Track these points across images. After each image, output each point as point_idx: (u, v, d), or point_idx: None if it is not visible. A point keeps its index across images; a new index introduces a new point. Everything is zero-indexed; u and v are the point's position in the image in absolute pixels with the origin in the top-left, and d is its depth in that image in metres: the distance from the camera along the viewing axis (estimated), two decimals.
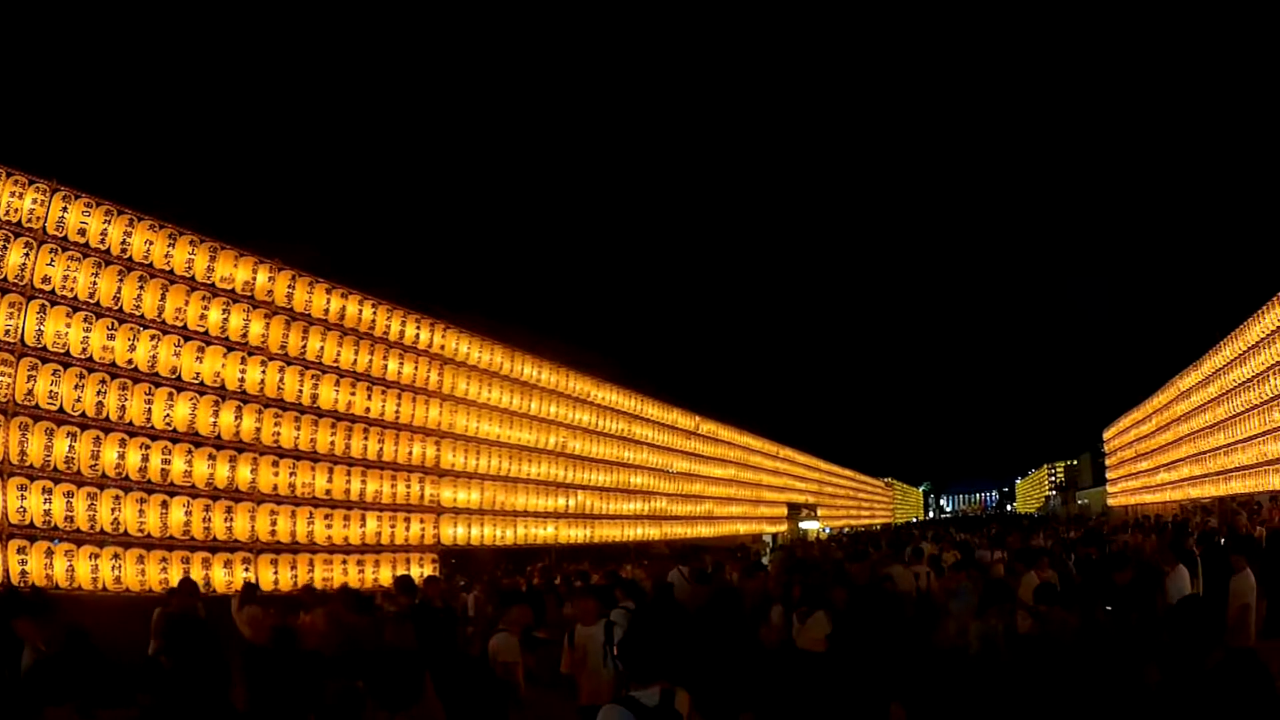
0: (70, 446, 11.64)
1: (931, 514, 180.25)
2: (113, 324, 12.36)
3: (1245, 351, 26.84)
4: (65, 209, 12.04)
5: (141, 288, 12.84)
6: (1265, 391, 25.07)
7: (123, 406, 12.33)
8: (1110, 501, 53.25)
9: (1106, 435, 55.55)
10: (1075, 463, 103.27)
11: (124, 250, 12.71)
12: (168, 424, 12.96)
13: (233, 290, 14.42)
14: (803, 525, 48.01)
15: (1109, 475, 55.47)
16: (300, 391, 15.45)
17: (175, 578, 12.14)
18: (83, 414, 11.85)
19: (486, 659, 7.41)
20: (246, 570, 13.62)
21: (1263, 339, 25.17)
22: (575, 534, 23.88)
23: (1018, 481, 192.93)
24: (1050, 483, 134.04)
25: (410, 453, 17.93)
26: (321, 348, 16.00)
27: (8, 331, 11.35)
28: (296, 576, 14.48)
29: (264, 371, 14.75)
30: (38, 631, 6.78)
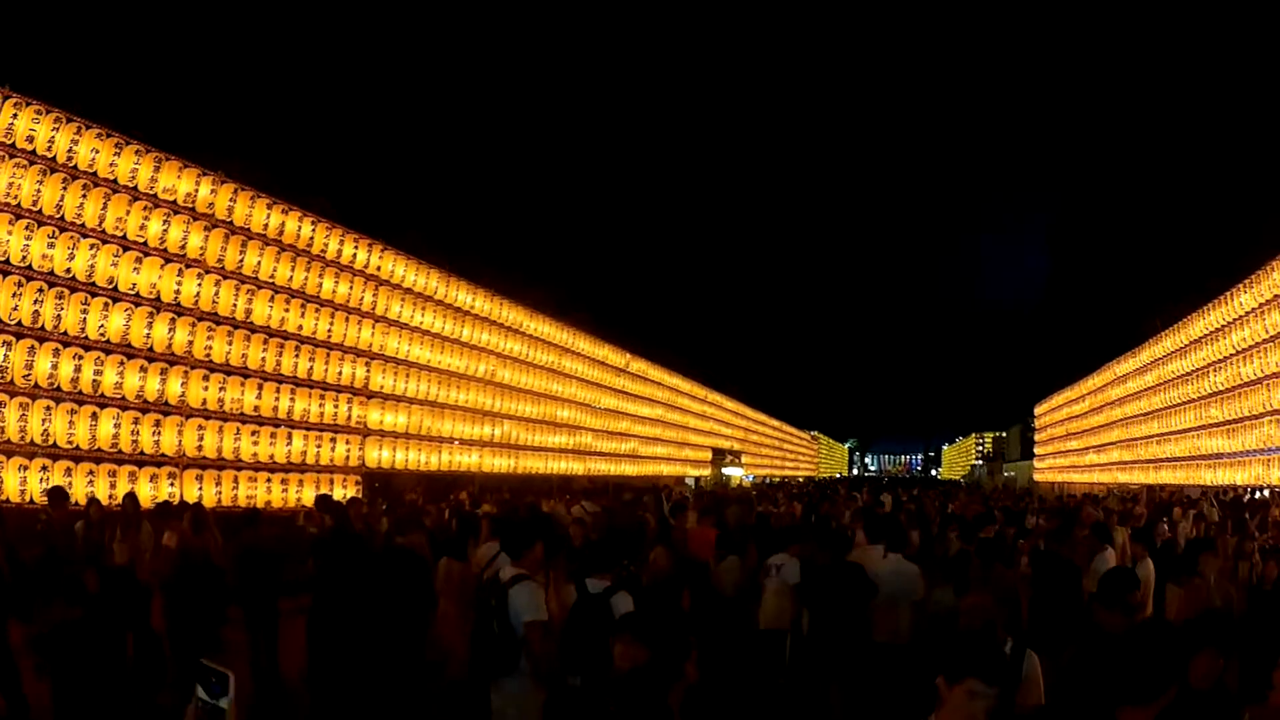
0: (4, 355, 11.64)
1: (855, 471, 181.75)
2: (54, 232, 12.27)
3: (1187, 345, 26.74)
4: (15, 115, 11.89)
5: (84, 196, 12.72)
6: (1204, 387, 24.96)
7: (58, 316, 12.31)
8: (1037, 477, 53.31)
9: (1038, 410, 55.12)
10: (1004, 434, 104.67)
11: (70, 158, 12.58)
12: (101, 335, 12.97)
13: (174, 201, 14.34)
14: (726, 471, 48.83)
15: (1037, 450, 55.35)
16: (235, 306, 15.47)
17: (102, 491, 12.34)
18: (19, 323, 11.83)
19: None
20: (172, 485, 13.81)
21: (1205, 335, 25.04)
22: (499, 463, 24.30)
23: (944, 447, 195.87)
24: (978, 452, 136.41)
25: (340, 373, 18.08)
26: (259, 263, 16.00)
27: None
28: (221, 493, 14.71)
29: (199, 285, 14.73)
30: None
